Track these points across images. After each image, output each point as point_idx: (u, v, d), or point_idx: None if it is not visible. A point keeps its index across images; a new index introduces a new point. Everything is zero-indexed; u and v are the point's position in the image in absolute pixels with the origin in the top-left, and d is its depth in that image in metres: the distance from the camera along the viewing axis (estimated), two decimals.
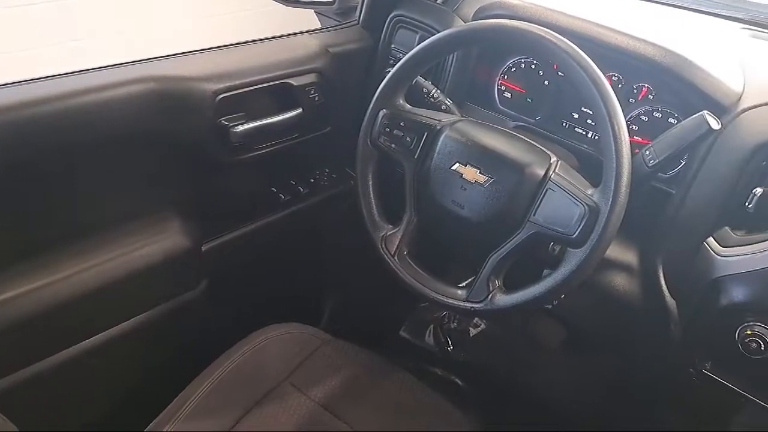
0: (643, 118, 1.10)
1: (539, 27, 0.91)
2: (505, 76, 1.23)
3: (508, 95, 1.23)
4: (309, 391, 1.05)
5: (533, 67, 1.20)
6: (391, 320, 1.70)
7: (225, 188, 1.18)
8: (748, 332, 0.91)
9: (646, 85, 1.08)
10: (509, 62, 1.22)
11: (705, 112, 0.90)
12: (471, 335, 1.67)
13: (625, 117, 1.09)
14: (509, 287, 0.93)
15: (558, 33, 0.91)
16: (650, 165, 0.94)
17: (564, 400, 1.50)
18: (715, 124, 0.89)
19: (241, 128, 1.09)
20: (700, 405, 1.06)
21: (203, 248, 1.16)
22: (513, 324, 1.62)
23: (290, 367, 1.09)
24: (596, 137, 1.14)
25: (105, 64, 1.02)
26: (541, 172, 0.91)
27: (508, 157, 0.93)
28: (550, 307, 1.14)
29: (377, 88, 1.04)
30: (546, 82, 1.19)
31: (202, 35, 2.58)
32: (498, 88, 1.24)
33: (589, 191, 0.87)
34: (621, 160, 0.84)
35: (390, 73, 1.01)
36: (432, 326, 1.70)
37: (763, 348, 0.91)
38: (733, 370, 0.98)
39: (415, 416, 1.07)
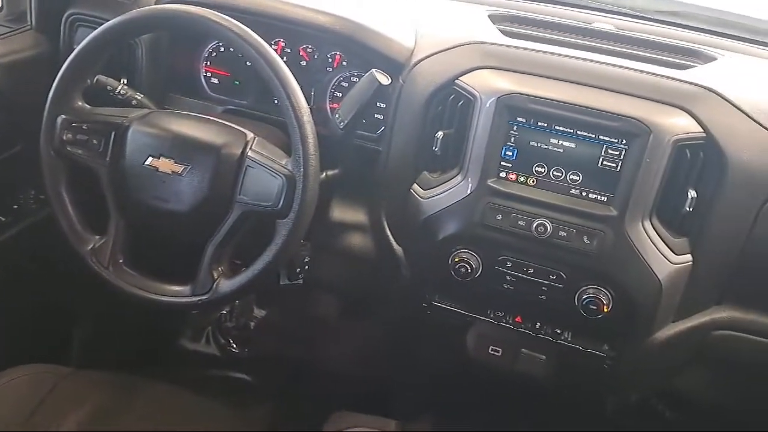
0: (343, 84, 1.16)
1: (204, 9, 0.90)
2: (208, 62, 1.21)
3: (216, 81, 1.21)
4: None
5: (232, 49, 1.19)
6: (161, 334, 1.62)
7: None
8: (457, 260, 1.02)
9: (338, 53, 1.14)
10: (209, 47, 1.20)
11: (374, 70, 0.97)
12: (252, 328, 1.66)
13: (327, 85, 1.16)
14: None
15: (236, 13, 0.91)
16: (341, 127, 0.99)
17: (351, 367, 1.56)
18: (384, 80, 0.96)
19: None
20: (442, 333, 1.16)
21: None
22: (292, 306, 1.63)
23: (25, 412, 0.98)
24: None
25: None
26: (238, 151, 0.91)
27: (201, 142, 0.92)
28: (300, 282, 1.16)
29: None
30: (248, 63, 1.19)
31: None
32: (204, 75, 1.22)
33: (284, 161, 0.89)
34: (303, 127, 0.87)
35: (57, 76, 0.94)
36: (209, 329, 1.66)
37: (470, 271, 1.02)
38: (455, 295, 1.10)
39: (179, 426, 1.03)
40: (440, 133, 1.01)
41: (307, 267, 1.11)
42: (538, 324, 1.07)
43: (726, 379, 1.12)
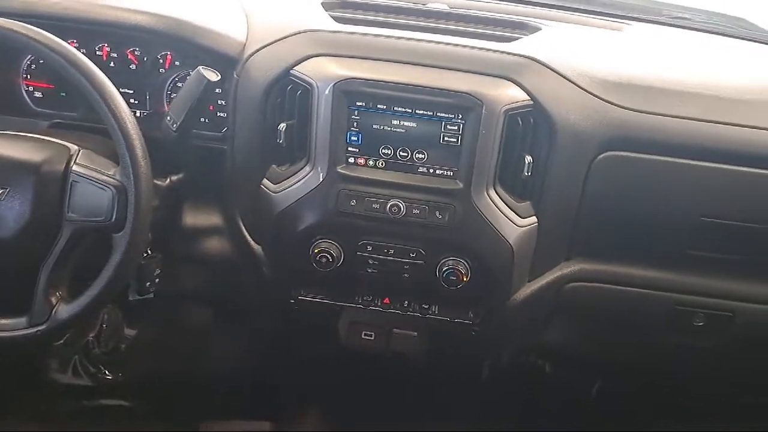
0: (179, 84, 1.10)
1: (2, 19, 0.83)
2: (28, 75, 1.11)
3: (39, 94, 1.12)
4: None
5: None
6: (21, 370, 1.49)
7: None
8: (317, 251, 1.02)
9: (168, 53, 1.09)
10: (27, 59, 1.11)
11: (200, 67, 0.93)
12: (124, 350, 1.57)
13: (162, 87, 1.11)
14: None
15: (47, 20, 0.85)
16: (174, 129, 0.95)
17: (230, 374, 1.51)
18: (213, 76, 0.93)
19: None
20: (315, 326, 1.15)
21: None
22: (164, 321, 1.56)
23: None
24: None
25: None
26: (60, 167, 0.85)
27: (17, 161, 0.85)
28: (151, 295, 1.11)
29: None
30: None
31: None
32: (25, 89, 1.12)
33: (112, 171, 0.84)
34: (127, 133, 0.82)
35: None
36: (76, 358, 1.54)
37: (332, 260, 1.02)
38: (320, 286, 1.09)
39: None
40: (283, 125, 0.99)
41: (158, 279, 1.06)
42: (406, 302, 1.10)
43: (586, 327, 1.20)
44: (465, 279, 1.02)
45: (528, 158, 0.98)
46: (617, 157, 1.01)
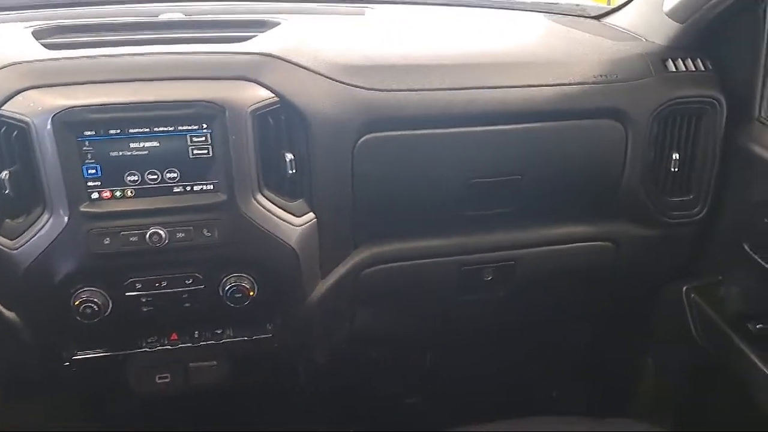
0: None
1: None
2: None
3: None
4: None
5: None
6: None
7: None
8: (78, 302, 0.92)
9: None
10: None
11: None
12: None
13: None
14: None
15: None
16: None
17: None
18: None
19: None
20: (108, 382, 1.05)
21: None
22: None
23: None
24: None
25: None
26: None
27: None
28: None
29: None
30: None
31: None
32: None
33: None
34: None
35: None
36: None
37: (99, 309, 0.92)
38: (94, 340, 0.99)
39: None
40: (5, 173, 0.87)
41: None
42: (196, 333, 1.03)
43: (391, 306, 1.21)
44: (252, 293, 0.98)
45: (289, 155, 0.95)
46: (376, 139, 1.01)
